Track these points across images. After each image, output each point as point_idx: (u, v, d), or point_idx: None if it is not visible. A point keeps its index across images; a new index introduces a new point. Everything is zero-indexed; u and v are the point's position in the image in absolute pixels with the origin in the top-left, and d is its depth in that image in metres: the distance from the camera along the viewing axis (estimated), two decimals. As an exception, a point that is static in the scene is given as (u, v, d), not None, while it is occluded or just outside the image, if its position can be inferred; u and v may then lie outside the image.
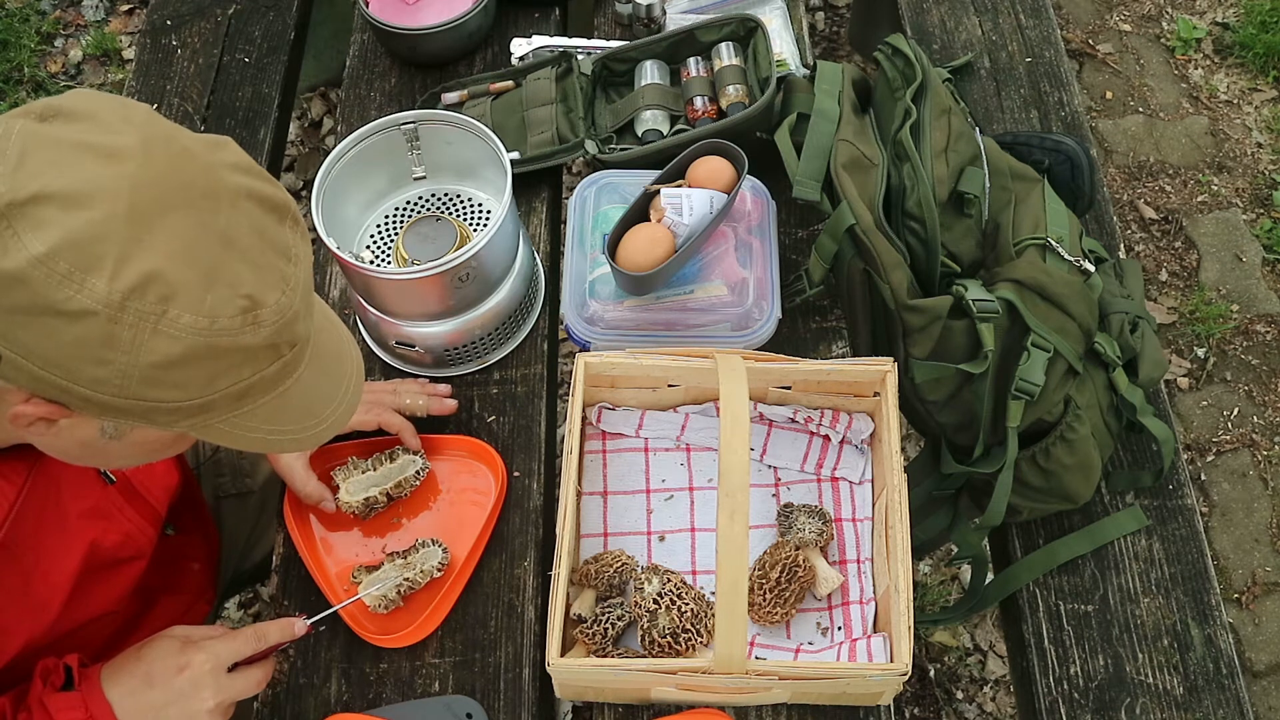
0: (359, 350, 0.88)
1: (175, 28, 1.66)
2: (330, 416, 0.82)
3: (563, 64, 1.44)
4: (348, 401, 0.84)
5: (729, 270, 1.24)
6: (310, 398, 0.80)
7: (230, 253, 0.70)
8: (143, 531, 1.04)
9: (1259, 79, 2.55)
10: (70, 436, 0.75)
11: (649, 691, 1.05)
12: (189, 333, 0.68)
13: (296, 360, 0.77)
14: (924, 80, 1.25)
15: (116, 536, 1.00)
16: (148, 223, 0.67)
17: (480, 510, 1.17)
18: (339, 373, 0.83)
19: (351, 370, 0.85)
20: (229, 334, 0.69)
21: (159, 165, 0.69)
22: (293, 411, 0.79)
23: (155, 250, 0.66)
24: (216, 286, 0.69)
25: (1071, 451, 1.15)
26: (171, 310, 0.67)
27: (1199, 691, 1.12)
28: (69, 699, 0.90)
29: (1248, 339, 2.22)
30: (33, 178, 0.65)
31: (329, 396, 0.82)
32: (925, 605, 1.94)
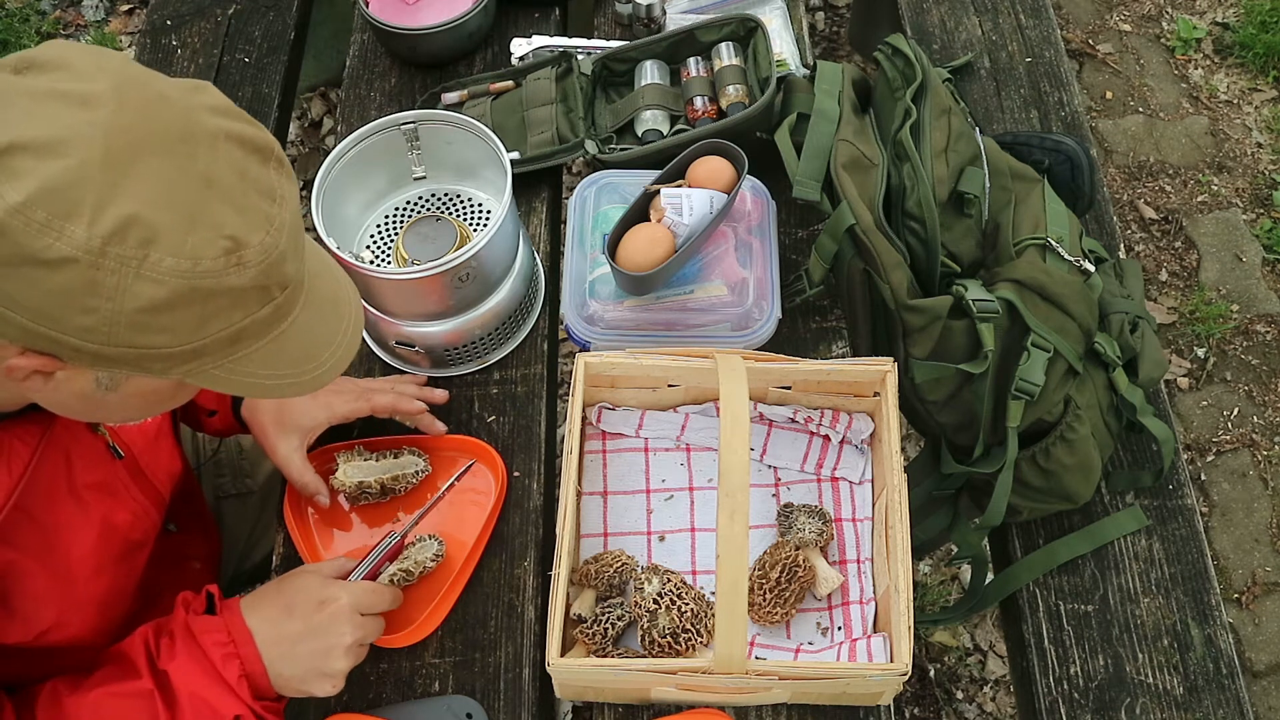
0: (358, 294, 0.88)
1: (175, 28, 1.66)
2: (329, 360, 0.82)
3: (563, 64, 1.44)
4: (346, 344, 0.83)
5: (729, 270, 1.24)
6: (307, 341, 0.80)
7: (211, 194, 0.70)
8: (148, 514, 1.04)
9: (1259, 79, 2.55)
10: (68, 389, 0.75)
11: (649, 691, 1.05)
12: (172, 275, 0.68)
13: (290, 303, 0.77)
14: (924, 80, 1.25)
15: (126, 516, 1.00)
16: (124, 167, 0.67)
17: (480, 510, 1.17)
18: (336, 316, 0.83)
19: (349, 314, 0.84)
20: (213, 275, 0.69)
21: (133, 110, 0.69)
22: (290, 356, 0.78)
23: (133, 195, 0.67)
24: (198, 228, 0.69)
25: (1071, 451, 1.15)
26: (153, 254, 0.67)
27: (1199, 691, 1.12)
28: (212, 622, 0.94)
29: (1248, 339, 2.22)
30: (6, 128, 0.65)
31: (327, 340, 0.82)
32: (925, 605, 1.94)
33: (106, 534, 0.97)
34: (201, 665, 0.91)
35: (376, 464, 1.16)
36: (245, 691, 0.92)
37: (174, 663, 0.91)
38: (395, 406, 1.17)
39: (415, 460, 1.17)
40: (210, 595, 0.98)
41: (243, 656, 0.93)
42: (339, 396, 1.15)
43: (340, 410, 1.15)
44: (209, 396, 1.17)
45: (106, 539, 0.97)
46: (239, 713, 0.91)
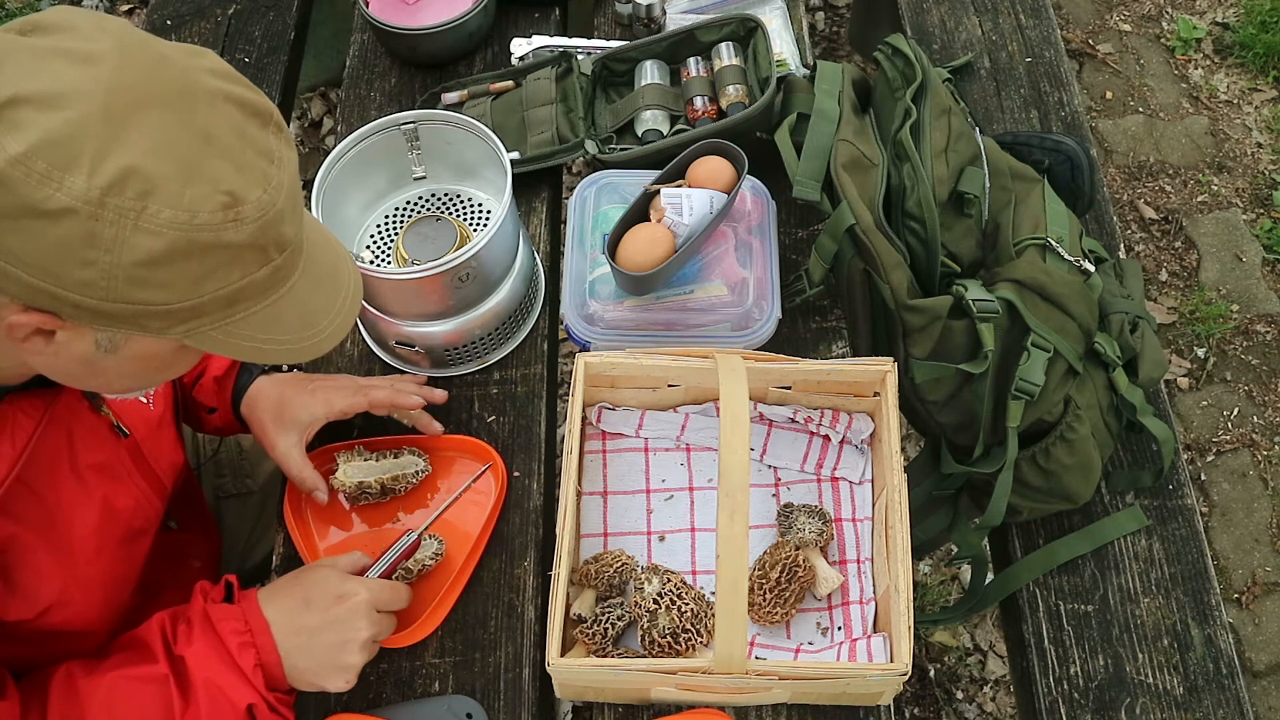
0: (356, 267, 0.89)
1: (175, 28, 1.66)
2: (327, 328, 0.82)
3: (563, 64, 1.44)
4: (345, 313, 0.84)
5: (729, 270, 1.24)
6: (305, 309, 0.80)
7: (209, 149, 0.71)
8: (150, 502, 1.04)
9: (1259, 79, 2.55)
10: (68, 353, 0.75)
11: (649, 691, 1.05)
12: (170, 227, 0.68)
13: (288, 267, 0.77)
14: (924, 80, 1.25)
15: (128, 501, 1.00)
16: (124, 120, 0.68)
17: (480, 510, 1.17)
18: (334, 285, 0.84)
19: (348, 284, 0.85)
20: (210, 229, 0.70)
21: (135, 67, 0.70)
22: (287, 321, 0.79)
23: (132, 147, 0.67)
24: (196, 181, 0.69)
25: (1071, 451, 1.15)
26: (151, 205, 0.68)
27: (1199, 691, 1.12)
28: (230, 610, 0.95)
29: (1248, 339, 2.22)
30: (9, 83, 0.66)
31: (325, 308, 0.82)
32: (925, 605, 1.94)
33: (108, 516, 0.97)
34: (218, 652, 0.92)
35: (376, 464, 1.16)
36: (260, 681, 0.93)
37: (191, 649, 0.92)
38: (393, 402, 1.17)
39: (415, 460, 1.17)
40: (229, 584, 0.99)
41: (259, 646, 0.94)
42: (337, 392, 1.15)
43: (339, 405, 1.15)
44: (208, 393, 1.17)
45: (108, 521, 0.97)
46: (252, 701, 0.92)
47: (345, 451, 1.17)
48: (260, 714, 0.94)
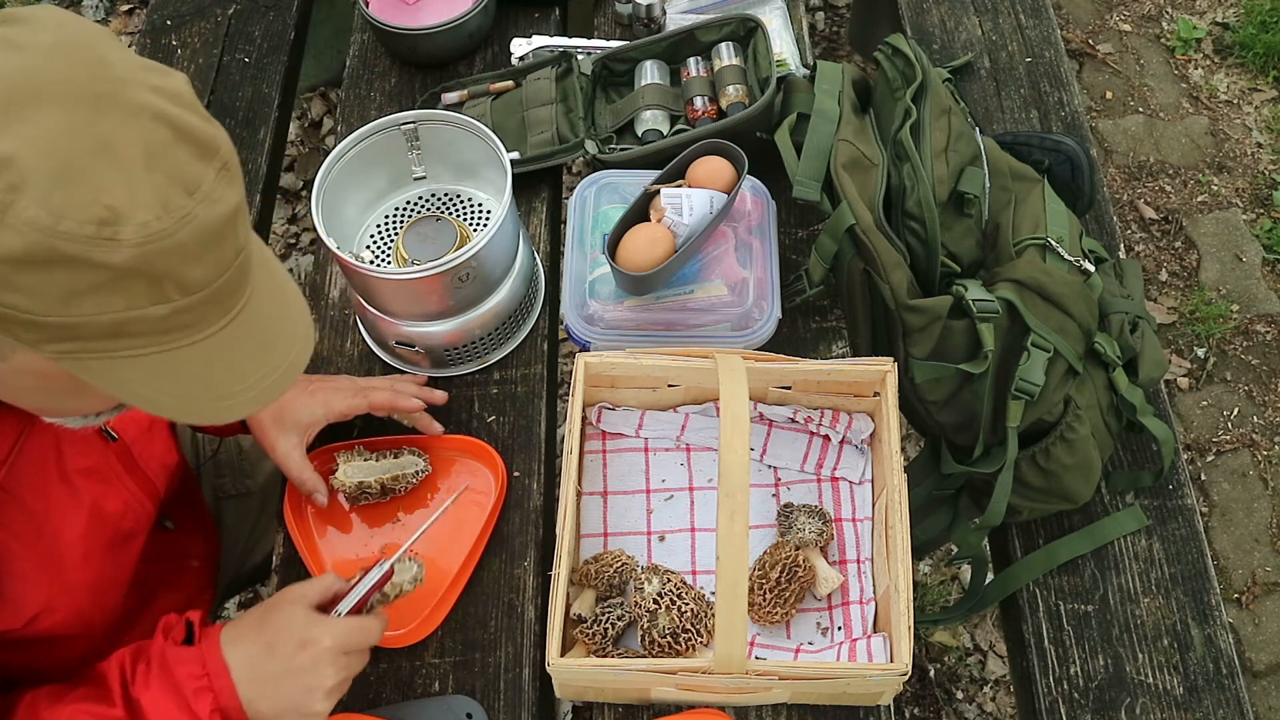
0: (308, 344, 0.81)
1: (175, 28, 1.66)
2: (238, 399, 0.75)
3: (563, 64, 1.44)
4: (265, 388, 0.76)
5: (729, 270, 1.24)
6: (214, 372, 0.73)
7: (102, 159, 0.65)
8: (141, 504, 1.04)
9: (1259, 79, 2.55)
10: None
11: (649, 691, 1.05)
12: (29, 227, 0.63)
13: (200, 317, 0.71)
14: (924, 80, 1.25)
15: (117, 504, 1.00)
16: (18, 110, 0.64)
17: (480, 510, 1.17)
18: (263, 357, 0.76)
19: (282, 361, 0.78)
20: (75, 241, 0.64)
21: (59, 62, 0.66)
22: (187, 377, 0.72)
23: (18, 137, 0.64)
24: (71, 186, 0.64)
25: (1071, 451, 1.15)
26: (19, 201, 0.63)
27: (1199, 691, 1.12)
28: (189, 653, 0.91)
29: (1248, 339, 2.22)
30: None
31: (239, 377, 0.75)
32: (925, 605, 1.94)
33: (97, 520, 0.96)
34: (175, 699, 0.89)
35: (376, 464, 1.16)
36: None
37: (147, 693, 0.89)
38: (393, 404, 1.17)
39: (415, 460, 1.17)
40: (189, 623, 0.95)
41: (216, 690, 0.90)
42: (337, 394, 1.15)
43: (338, 407, 1.15)
44: None
45: (97, 525, 0.97)
46: None
47: (345, 452, 1.17)
48: None
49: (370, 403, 1.16)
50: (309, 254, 2.40)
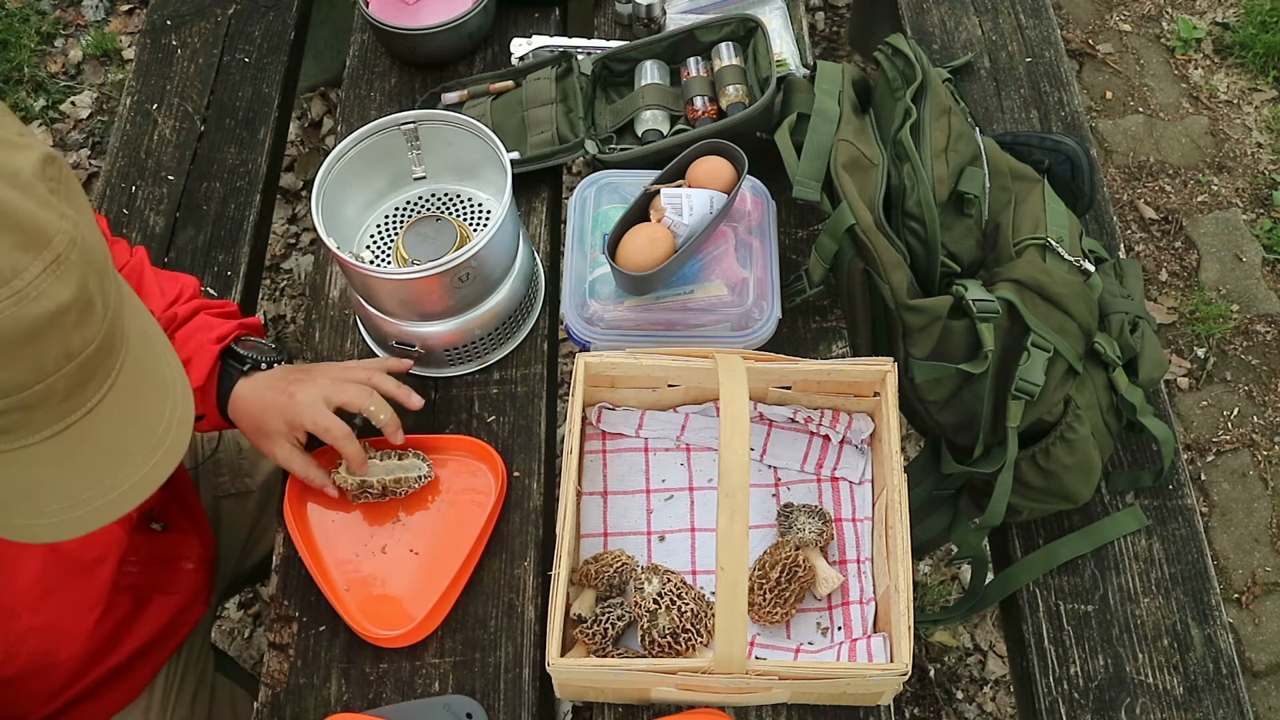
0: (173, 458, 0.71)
1: (175, 28, 1.66)
2: (58, 519, 0.66)
3: (563, 64, 1.44)
4: (95, 508, 0.67)
5: (729, 270, 1.24)
6: (33, 482, 0.65)
7: None
8: (107, 530, 1.00)
9: (1259, 79, 2.55)
10: None
11: (649, 691, 1.05)
12: None
13: (8, 426, 0.62)
14: (924, 80, 1.25)
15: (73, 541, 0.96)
16: None
17: (480, 510, 1.17)
18: (103, 473, 0.67)
19: (124, 481, 0.68)
20: None
21: None
22: (8, 492, 0.64)
23: None
24: None
25: (1071, 451, 1.15)
26: None
27: (1199, 691, 1.12)
28: None
29: (1248, 339, 2.22)
30: None
31: (71, 491, 0.66)
32: (925, 605, 1.94)
33: (54, 559, 0.94)
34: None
35: (380, 463, 1.16)
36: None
37: None
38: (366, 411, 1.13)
39: (419, 464, 1.17)
40: None
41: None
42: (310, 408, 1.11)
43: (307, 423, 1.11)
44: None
45: (54, 564, 0.94)
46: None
47: None
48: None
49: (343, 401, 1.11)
50: (309, 254, 2.40)
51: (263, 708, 1.10)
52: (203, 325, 1.13)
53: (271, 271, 2.39)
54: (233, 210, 1.50)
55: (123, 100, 1.61)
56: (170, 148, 1.55)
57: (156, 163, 1.54)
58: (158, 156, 1.55)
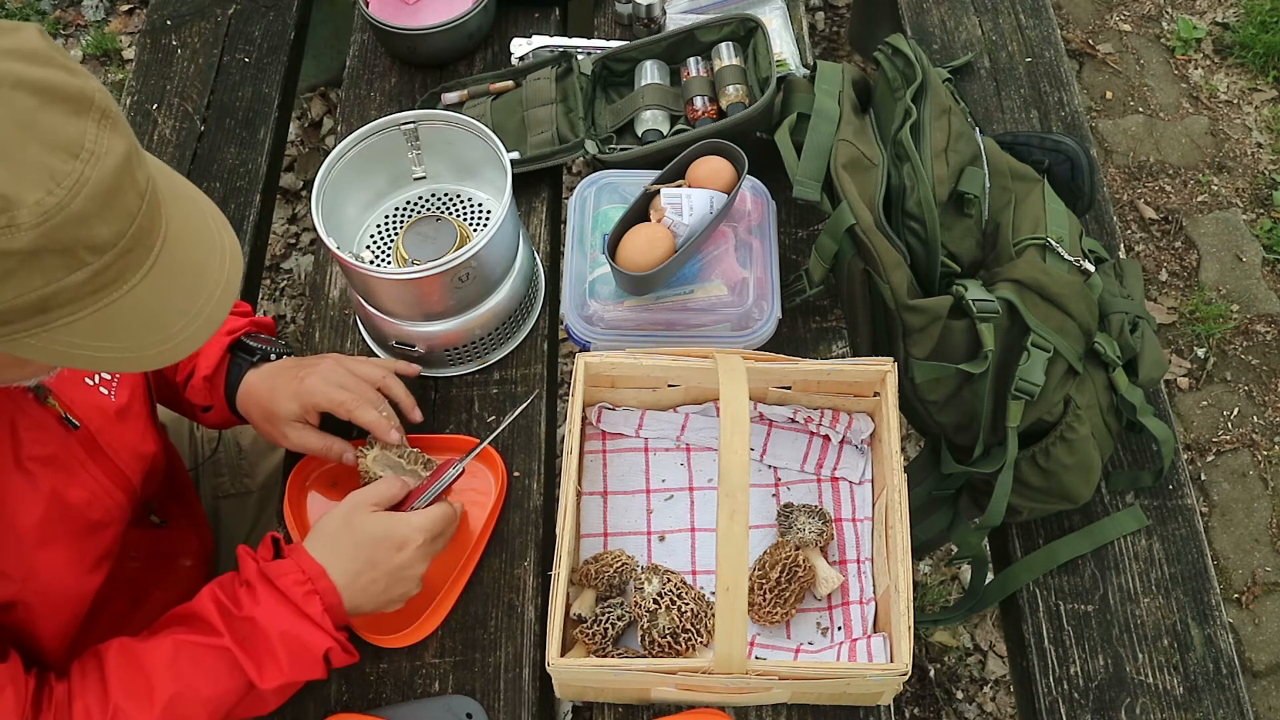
0: (237, 258, 0.80)
1: (175, 28, 1.66)
2: (182, 333, 0.75)
3: (563, 64, 1.44)
4: (206, 317, 0.76)
5: (729, 270, 1.24)
6: (152, 312, 0.73)
7: None
8: (110, 494, 1.02)
9: (1259, 79, 2.55)
10: None
11: (649, 691, 1.05)
12: None
13: (120, 269, 0.70)
14: (924, 80, 1.25)
15: (81, 493, 0.98)
16: None
17: (480, 510, 1.17)
18: (197, 285, 0.76)
19: (216, 284, 0.77)
20: None
21: None
22: (124, 326, 0.72)
23: None
24: None
25: (1071, 451, 1.15)
26: None
27: (1199, 691, 1.12)
28: (285, 565, 0.98)
29: (1248, 339, 2.22)
30: None
31: (181, 310, 0.75)
32: (925, 605, 1.94)
33: (58, 508, 0.95)
34: (286, 606, 0.95)
35: (406, 466, 1.13)
36: (329, 625, 0.97)
37: (259, 608, 0.95)
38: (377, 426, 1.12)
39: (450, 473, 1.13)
40: (275, 540, 1.01)
41: (321, 591, 0.97)
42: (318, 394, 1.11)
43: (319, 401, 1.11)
44: (199, 392, 1.16)
45: (58, 514, 0.95)
46: (328, 647, 0.97)
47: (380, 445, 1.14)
48: (335, 657, 0.98)
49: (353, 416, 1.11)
50: (309, 254, 2.40)
51: (263, 708, 1.10)
52: None
53: (271, 271, 2.39)
54: (233, 210, 1.50)
55: (123, 100, 1.61)
56: (170, 148, 1.55)
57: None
58: (158, 156, 1.55)
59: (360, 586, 0.99)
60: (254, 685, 0.95)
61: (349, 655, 1.00)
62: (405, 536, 1.01)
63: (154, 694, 0.91)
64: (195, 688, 0.93)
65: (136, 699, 0.91)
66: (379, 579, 1.00)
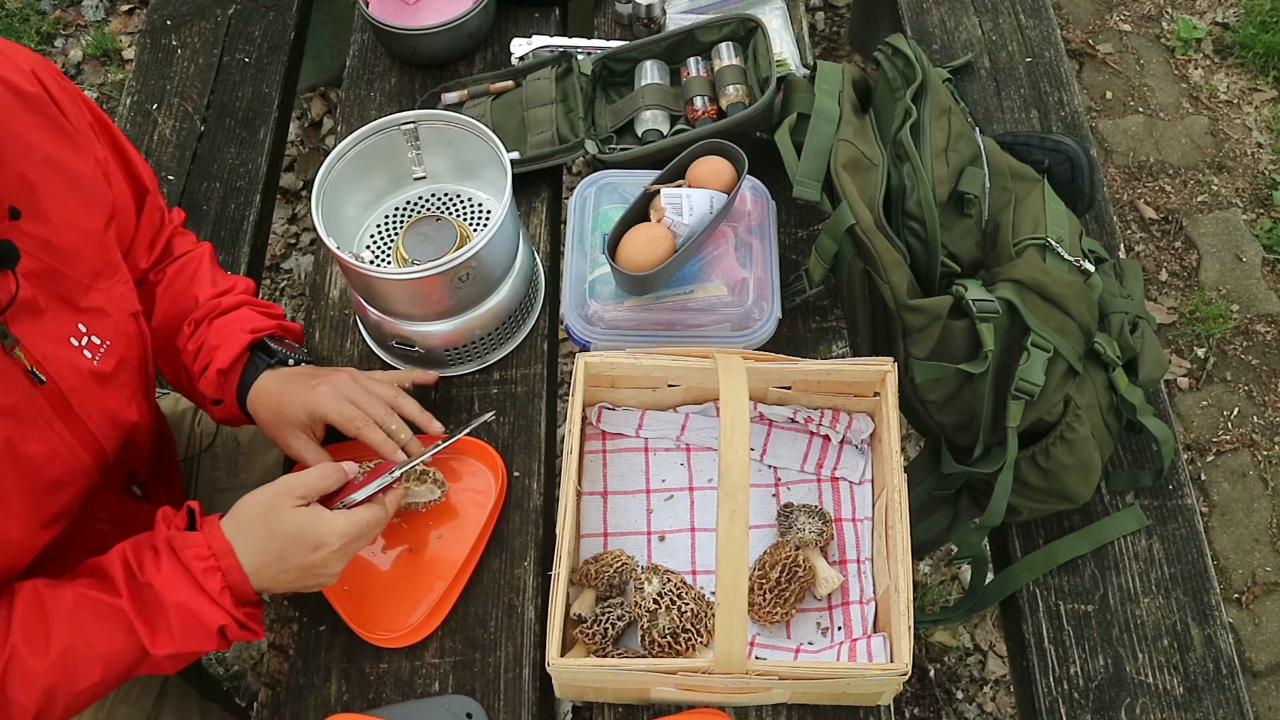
0: None
1: (175, 28, 1.66)
2: None
3: (563, 64, 1.44)
4: None
5: (729, 270, 1.24)
6: None
7: None
8: (74, 454, 1.00)
9: (1259, 79, 2.55)
10: None
11: (649, 691, 1.05)
12: None
13: None
14: (924, 80, 1.25)
15: (40, 448, 0.97)
16: None
17: (480, 510, 1.17)
18: None
19: None
20: None
21: None
22: None
23: None
24: None
25: (1071, 451, 1.15)
26: None
27: (1199, 691, 1.12)
28: (193, 537, 0.97)
29: (1248, 339, 2.22)
30: None
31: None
32: (925, 605, 1.94)
33: (9, 459, 0.94)
34: (186, 578, 0.95)
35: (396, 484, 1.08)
36: (228, 601, 0.95)
37: (159, 575, 0.94)
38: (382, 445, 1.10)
39: (433, 489, 1.13)
40: (191, 511, 1.00)
41: (224, 569, 0.96)
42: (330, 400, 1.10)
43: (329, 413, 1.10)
44: (212, 385, 1.15)
45: (9, 464, 0.94)
46: (223, 623, 0.95)
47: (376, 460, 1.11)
48: (231, 633, 0.97)
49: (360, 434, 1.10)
50: (309, 254, 2.40)
51: (262, 708, 1.10)
52: (242, 317, 1.15)
53: (271, 271, 2.39)
54: (233, 210, 1.50)
55: (123, 100, 1.61)
56: (170, 148, 1.55)
57: (157, 162, 1.54)
58: (158, 156, 1.55)
59: (269, 574, 0.97)
60: (146, 650, 0.94)
61: (248, 633, 0.98)
62: (322, 539, 0.97)
63: (50, 643, 0.91)
64: (91, 643, 0.93)
65: (33, 645, 0.91)
66: (289, 570, 0.98)
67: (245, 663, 1.95)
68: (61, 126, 0.99)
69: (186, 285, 1.17)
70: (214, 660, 1.95)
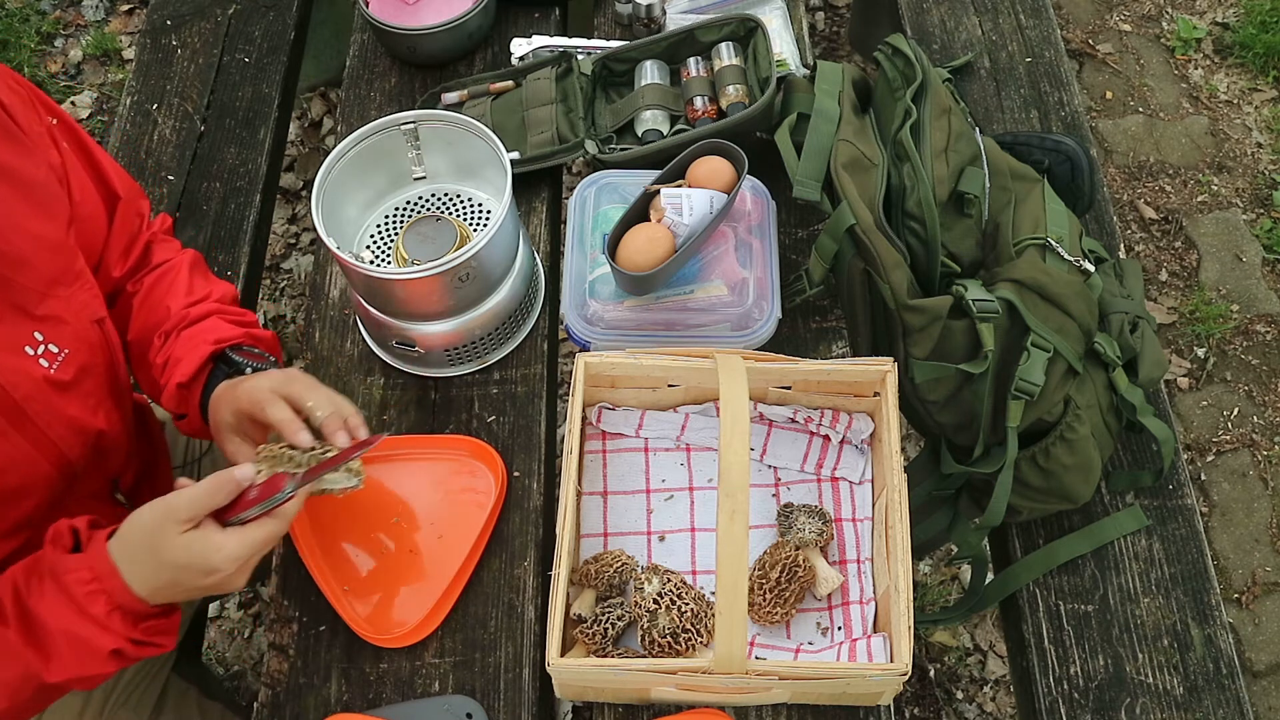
0: None
1: (175, 28, 1.66)
2: None
3: (563, 64, 1.44)
4: None
5: (729, 270, 1.24)
6: None
7: None
8: (33, 463, 0.98)
9: (1259, 79, 2.55)
10: None
11: (649, 691, 1.05)
12: None
13: None
14: (924, 80, 1.25)
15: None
16: None
17: (480, 510, 1.17)
18: None
19: None
20: None
21: None
22: None
23: None
24: None
25: (1071, 451, 1.15)
26: None
27: (1199, 691, 1.12)
28: (75, 560, 0.91)
29: (1248, 339, 2.22)
30: None
31: None
32: (925, 605, 1.94)
33: None
34: (68, 603, 0.90)
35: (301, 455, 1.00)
36: (117, 623, 0.91)
37: (43, 601, 0.90)
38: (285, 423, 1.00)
39: (348, 477, 1.01)
40: (75, 531, 0.94)
41: (109, 590, 0.90)
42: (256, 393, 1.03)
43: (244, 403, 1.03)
44: (172, 400, 1.11)
45: None
46: (116, 646, 0.91)
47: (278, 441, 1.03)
48: (128, 652, 0.92)
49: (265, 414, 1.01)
50: (309, 254, 2.40)
51: (262, 708, 1.10)
52: (208, 328, 1.11)
53: (271, 271, 2.39)
54: (233, 210, 1.50)
55: (123, 100, 1.61)
56: (170, 148, 1.55)
57: (156, 162, 1.54)
58: (158, 156, 1.55)
59: (165, 595, 0.92)
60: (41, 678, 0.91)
61: (150, 648, 0.94)
62: (214, 566, 0.91)
63: None
64: None
65: None
66: (187, 590, 0.92)
67: (245, 663, 1.95)
68: (9, 131, 0.96)
69: (162, 296, 1.13)
70: (214, 660, 1.95)
